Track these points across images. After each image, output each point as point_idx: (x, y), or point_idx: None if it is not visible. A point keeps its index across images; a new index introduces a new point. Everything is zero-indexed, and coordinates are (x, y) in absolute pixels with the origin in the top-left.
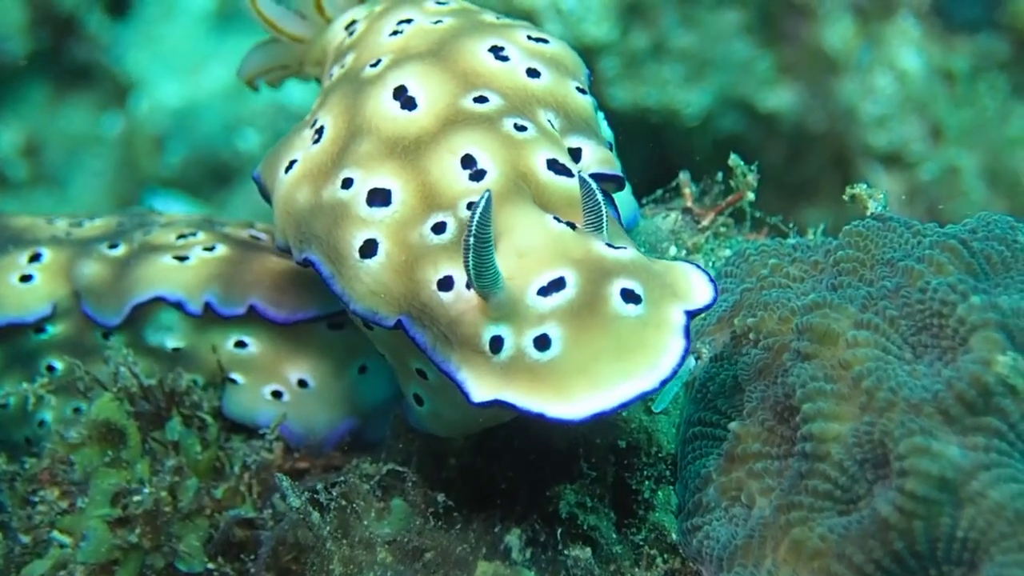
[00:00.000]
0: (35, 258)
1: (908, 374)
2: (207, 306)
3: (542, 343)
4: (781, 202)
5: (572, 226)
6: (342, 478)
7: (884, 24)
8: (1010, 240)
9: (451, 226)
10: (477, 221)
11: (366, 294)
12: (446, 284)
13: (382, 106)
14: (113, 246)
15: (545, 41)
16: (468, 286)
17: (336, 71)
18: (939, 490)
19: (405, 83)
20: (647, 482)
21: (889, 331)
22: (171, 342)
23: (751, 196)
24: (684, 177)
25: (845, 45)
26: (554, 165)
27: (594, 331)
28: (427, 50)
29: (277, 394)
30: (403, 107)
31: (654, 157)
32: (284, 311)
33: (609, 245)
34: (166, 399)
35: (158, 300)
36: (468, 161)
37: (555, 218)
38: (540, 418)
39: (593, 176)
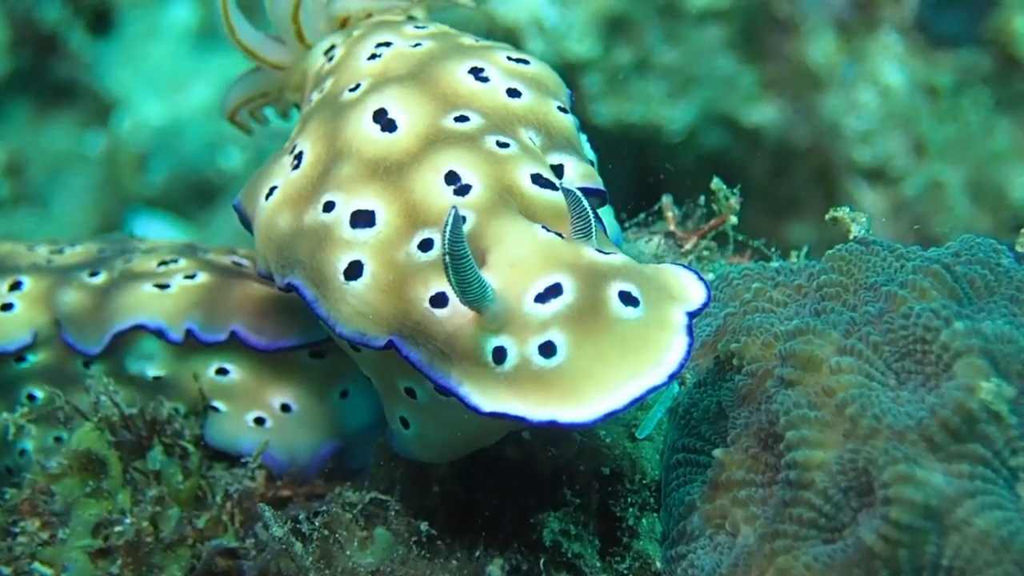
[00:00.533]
0: (15, 286)
1: (892, 401)
2: (189, 333)
3: (547, 350)
4: (765, 217)
5: (560, 236)
6: (325, 507)
7: (867, 39)
8: (993, 264)
9: (439, 242)
10: (449, 238)
11: (352, 316)
12: (440, 300)
13: (362, 129)
14: (94, 274)
15: (525, 62)
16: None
17: (315, 96)
18: (924, 518)
19: (385, 106)
20: (631, 509)
21: (873, 357)
22: (152, 370)
23: (734, 220)
24: (667, 200)
25: (828, 60)
26: (538, 179)
27: (598, 334)
28: (406, 73)
29: (260, 421)
30: (383, 130)
31: (638, 173)
32: (265, 338)
33: (599, 251)
34: (147, 428)
35: (139, 328)
36: (452, 177)
37: (544, 227)
38: (552, 425)
39: (581, 190)
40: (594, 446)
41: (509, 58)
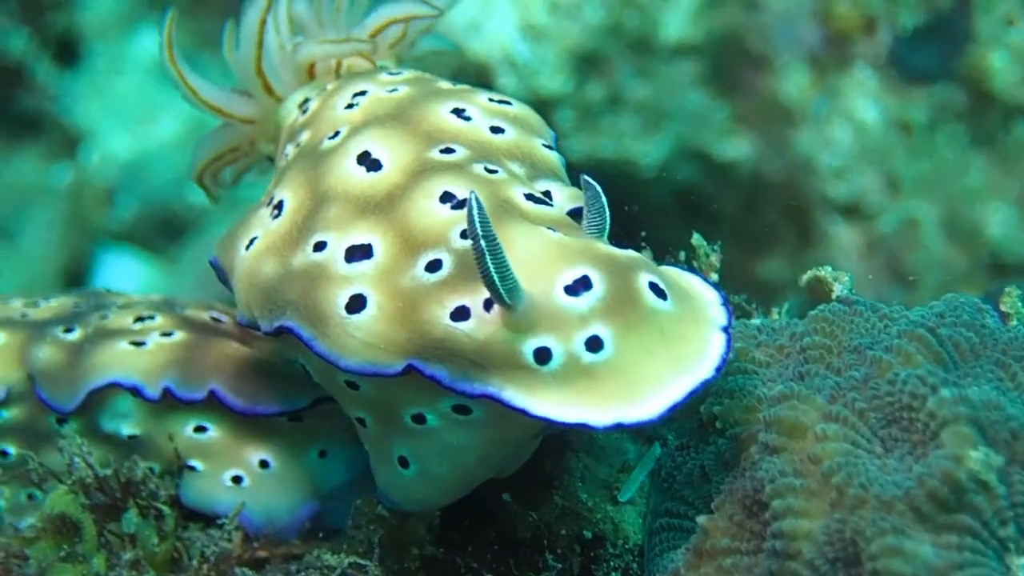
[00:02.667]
0: None
1: (879, 469)
2: (166, 391)
3: (594, 344)
4: (739, 252)
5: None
6: (303, 572)
7: (840, 75)
8: (978, 325)
9: (447, 260)
10: (479, 222)
11: (359, 348)
12: (461, 314)
13: (347, 172)
14: (69, 330)
15: (508, 103)
16: (487, 307)
17: (291, 150)
18: None
19: (368, 148)
20: (613, 574)
21: (858, 424)
22: (127, 429)
23: (715, 277)
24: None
25: (801, 95)
26: (531, 198)
27: (640, 326)
28: (386, 115)
29: (237, 479)
30: (368, 170)
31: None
32: (244, 399)
33: (615, 245)
34: (122, 490)
35: (114, 386)
36: (447, 197)
37: (551, 228)
38: (616, 428)
39: (572, 212)
40: (575, 509)
41: (490, 99)
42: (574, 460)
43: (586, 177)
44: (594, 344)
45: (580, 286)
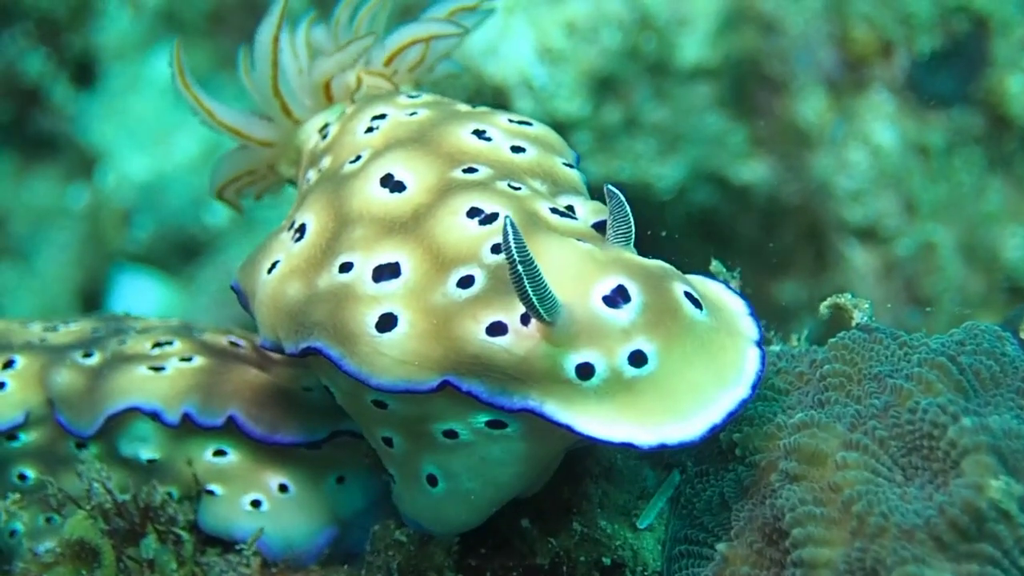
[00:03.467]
0: (8, 364)
1: (899, 498)
2: (186, 416)
3: (638, 359)
4: (756, 275)
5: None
6: None
7: (857, 98)
8: (998, 353)
9: (479, 276)
10: (515, 246)
11: (391, 366)
12: (497, 329)
13: (370, 194)
14: (88, 354)
15: (528, 124)
16: (524, 322)
17: (312, 175)
18: None
19: (391, 171)
20: None
21: (879, 452)
22: (145, 453)
23: None
24: None
25: (819, 119)
26: (556, 212)
27: (681, 338)
28: (407, 138)
29: (256, 503)
30: (392, 191)
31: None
32: (263, 426)
33: (642, 255)
34: (140, 515)
35: (133, 410)
36: (474, 212)
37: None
38: (660, 449)
39: (596, 225)
40: (595, 536)
41: (510, 120)
42: (593, 486)
43: (610, 186)
44: (638, 359)
45: (618, 297)
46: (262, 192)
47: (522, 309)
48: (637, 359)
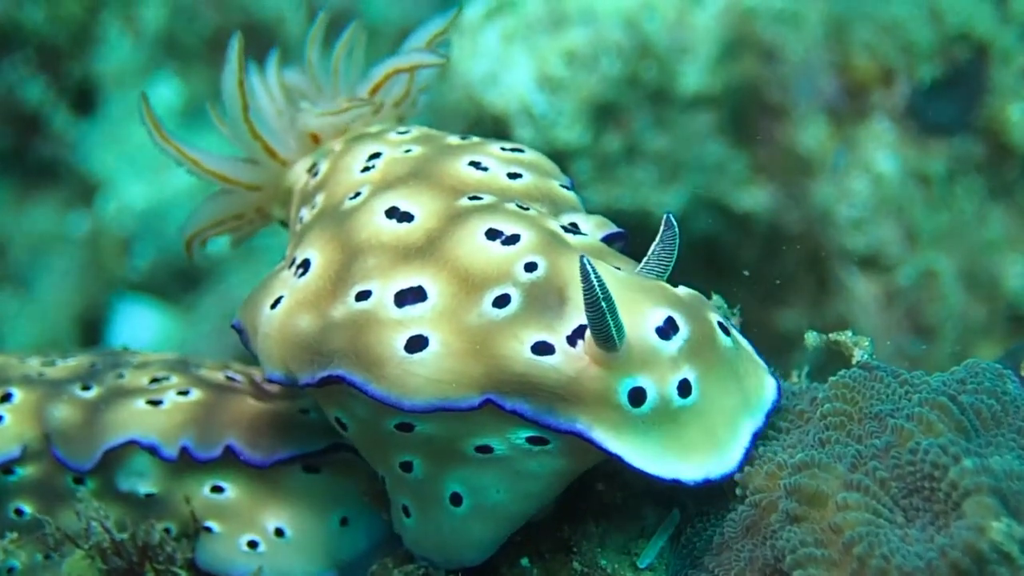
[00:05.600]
0: (5, 398)
1: (900, 539)
2: (184, 450)
3: (684, 388)
4: (756, 303)
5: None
6: None
7: (858, 127)
8: (1000, 392)
9: (515, 295)
10: (598, 285)
11: (424, 385)
12: (544, 349)
13: (378, 225)
14: (86, 388)
15: (520, 150)
16: (571, 342)
17: (306, 213)
18: None
19: (396, 204)
20: None
21: (880, 493)
22: (144, 488)
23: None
24: None
25: (820, 147)
26: (565, 230)
27: (718, 367)
28: (407, 174)
29: (253, 544)
30: (400, 221)
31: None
32: (261, 452)
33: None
34: (139, 554)
35: (131, 444)
36: (493, 233)
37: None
38: (706, 484)
39: (603, 239)
40: (595, 575)
41: (503, 148)
42: (593, 525)
43: (669, 216)
44: (684, 388)
45: (670, 328)
46: (242, 240)
47: (568, 330)
48: (684, 388)
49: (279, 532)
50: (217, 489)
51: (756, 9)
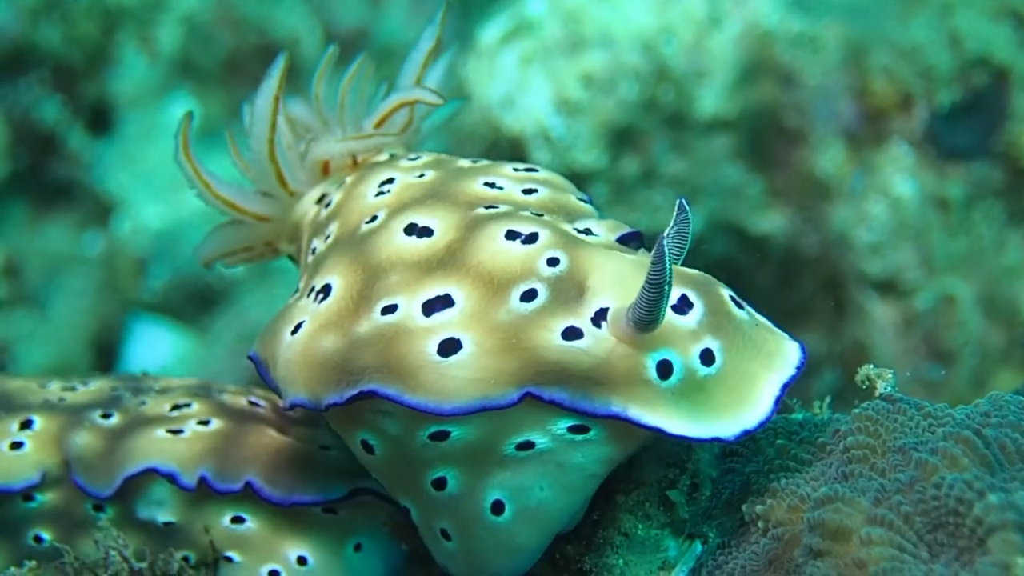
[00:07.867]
0: (26, 424)
1: (925, 575)
2: (202, 480)
3: (707, 357)
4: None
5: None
6: None
7: (876, 151)
8: None
9: (541, 288)
10: (666, 264)
11: (463, 385)
12: (573, 334)
13: (398, 243)
14: (106, 415)
15: (534, 170)
16: (596, 324)
17: (318, 243)
18: None
19: (414, 220)
20: None
21: (904, 528)
22: (163, 516)
23: None
24: None
25: (837, 171)
26: (580, 233)
27: (737, 336)
28: (423, 195)
29: (275, 574)
30: (419, 237)
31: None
32: (280, 490)
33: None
34: None
35: (150, 472)
36: (511, 235)
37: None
38: (744, 436)
39: (618, 239)
40: None
41: (515, 169)
42: (614, 556)
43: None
44: (707, 357)
45: (684, 305)
46: (250, 261)
47: (590, 312)
48: (707, 357)
49: (302, 560)
50: (238, 520)
51: (774, 33)
